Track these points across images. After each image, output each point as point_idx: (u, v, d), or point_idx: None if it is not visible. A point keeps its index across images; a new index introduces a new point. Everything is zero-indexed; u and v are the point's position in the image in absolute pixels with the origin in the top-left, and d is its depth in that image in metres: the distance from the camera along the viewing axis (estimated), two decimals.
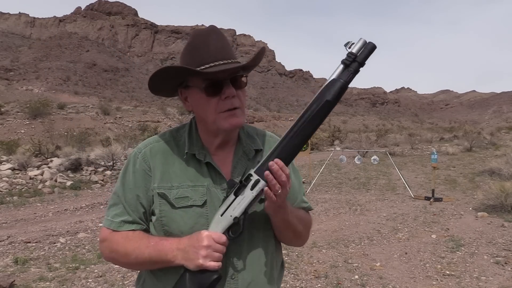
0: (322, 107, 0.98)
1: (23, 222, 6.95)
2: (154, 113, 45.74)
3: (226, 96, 1.05)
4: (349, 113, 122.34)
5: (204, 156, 1.12)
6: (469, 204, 7.72)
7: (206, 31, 1.10)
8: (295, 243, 1.28)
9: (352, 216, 7.06)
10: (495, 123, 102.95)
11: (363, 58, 0.98)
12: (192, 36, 1.11)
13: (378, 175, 12.55)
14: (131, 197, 1.12)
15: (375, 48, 0.98)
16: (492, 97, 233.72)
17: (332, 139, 31.87)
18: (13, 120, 31.73)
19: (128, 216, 1.11)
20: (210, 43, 1.06)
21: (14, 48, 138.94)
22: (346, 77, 0.97)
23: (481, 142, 22.19)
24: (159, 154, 1.14)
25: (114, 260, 1.13)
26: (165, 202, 1.08)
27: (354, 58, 0.97)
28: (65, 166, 11.99)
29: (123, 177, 1.15)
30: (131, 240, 1.08)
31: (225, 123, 1.07)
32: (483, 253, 4.84)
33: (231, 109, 1.06)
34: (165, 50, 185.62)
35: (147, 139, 1.20)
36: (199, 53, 1.06)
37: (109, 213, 1.14)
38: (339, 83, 0.97)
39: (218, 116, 1.07)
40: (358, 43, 0.98)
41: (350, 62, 0.97)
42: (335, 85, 0.98)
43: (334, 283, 4.03)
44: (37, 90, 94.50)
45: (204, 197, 1.09)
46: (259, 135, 1.24)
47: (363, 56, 0.97)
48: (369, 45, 0.98)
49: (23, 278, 4.21)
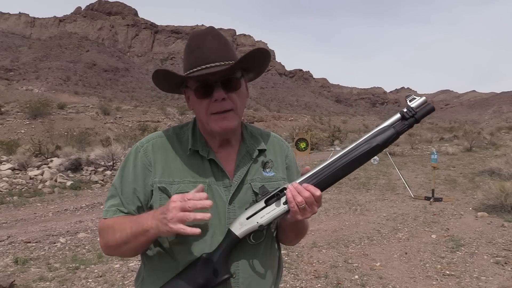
0: (372, 149, 1.02)
1: (23, 222, 6.95)
2: (154, 113, 45.76)
3: (215, 99, 1.06)
4: (349, 113, 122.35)
5: (208, 153, 1.12)
6: (469, 204, 7.72)
7: (203, 32, 1.10)
8: (292, 243, 1.30)
9: (352, 216, 7.06)
10: (495, 123, 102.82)
11: (421, 116, 1.02)
12: (189, 37, 1.12)
13: (378, 175, 12.55)
14: (128, 190, 1.12)
15: (433, 110, 1.03)
16: (492, 97, 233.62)
17: (332, 139, 31.88)
18: (13, 120, 31.74)
19: (123, 208, 1.12)
20: (204, 45, 1.07)
21: (14, 48, 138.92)
22: (400, 128, 1.02)
23: (481, 142, 22.18)
24: (161, 149, 1.14)
25: (107, 246, 1.11)
26: (165, 197, 1.08)
27: (413, 114, 1.02)
28: (65, 166, 11.99)
29: (122, 170, 1.15)
30: (119, 220, 1.09)
31: (215, 125, 1.08)
32: (483, 253, 4.84)
33: (220, 112, 1.07)
34: (165, 50, 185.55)
35: (150, 134, 1.21)
36: (193, 55, 1.07)
37: (106, 204, 1.15)
38: (392, 132, 1.02)
39: (209, 118, 1.08)
40: (419, 100, 1.03)
41: (409, 116, 1.02)
42: (388, 132, 1.02)
43: (334, 283, 4.03)
44: (37, 90, 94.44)
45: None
46: (263, 136, 1.25)
47: (421, 114, 1.02)
48: (428, 106, 1.03)
49: (23, 278, 4.21)
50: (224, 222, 1.09)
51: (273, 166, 1.21)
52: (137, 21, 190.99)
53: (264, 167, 1.19)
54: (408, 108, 1.02)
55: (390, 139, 1.01)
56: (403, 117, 1.02)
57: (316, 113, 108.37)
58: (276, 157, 1.23)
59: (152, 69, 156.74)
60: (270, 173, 1.19)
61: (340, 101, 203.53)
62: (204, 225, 1.06)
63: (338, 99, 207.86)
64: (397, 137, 1.01)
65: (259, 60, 1.12)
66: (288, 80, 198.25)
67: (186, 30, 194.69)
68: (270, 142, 1.24)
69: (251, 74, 1.18)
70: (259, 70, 1.17)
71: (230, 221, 1.08)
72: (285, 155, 1.27)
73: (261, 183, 1.15)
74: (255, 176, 1.16)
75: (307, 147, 11.25)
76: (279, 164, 1.23)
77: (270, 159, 1.21)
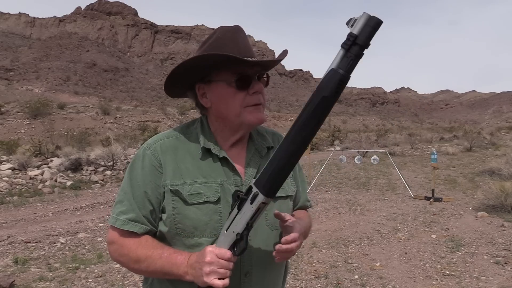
0: (318, 105, 0.84)
1: (23, 222, 6.95)
2: (154, 113, 45.72)
3: (254, 91, 1.07)
4: (349, 113, 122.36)
5: (220, 151, 1.12)
6: (469, 204, 7.72)
7: (234, 28, 1.10)
8: None
9: (352, 216, 7.05)
10: (495, 123, 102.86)
11: (366, 39, 0.79)
12: (219, 31, 1.10)
13: (378, 175, 12.54)
14: (138, 194, 1.09)
15: (380, 24, 0.79)
16: (492, 97, 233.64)
17: (332, 139, 31.85)
18: (13, 120, 31.71)
19: (133, 213, 1.08)
20: (238, 40, 1.08)
21: (14, 48, 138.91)
22: (346, 66, 0.81)
23: (481, 142, 22.18)
24: (170, 150, 1.12)
25: (123, 264, 1.11)
26: (178, 199, 1.07)
27: (354, 40, 0.79)
28: (65, 166, 11.98)
29: (130, 173, 1.12)
30: (143, 247, 1.06)
31: (251, 117, 1.08)
32: (483, 253, 4.84)
33: (257, 104, 1.08)
34: (165, 50, 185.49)
35: (157, 135, 1.18)
36: (229, 48, 1.06)
37: (115, 210, 1.11)
38: (338, 75, 0.81)
39: (243, 110, 1.08)
40: (360, 20, 0.79)
41: (350, 45, 0.80)
42: (333, 78, 0.82)
43: (334, 283, 4.03)
44: (37, 90, 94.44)
45: (218, 194, 1.07)
46: (268, 133, 1.27)
47: (366, 36, 0.78)
48: (371, 21, 0.78)
49: (23, 278, 4.21)
50: None
51: None
52: (137, 21, 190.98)
53: None
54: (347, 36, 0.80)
55: (338, 85, 0.81)
56: (346, 50, 0.80)
57: None
58: None
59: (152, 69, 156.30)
60: None
61: (340, 101, 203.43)
62: (218, 227, 1.06)
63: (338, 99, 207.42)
64: (345, 78, 0.81)
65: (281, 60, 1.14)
66: (288, 80, 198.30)
67: (186, 30, 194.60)
68: (275, 140, 1.26)
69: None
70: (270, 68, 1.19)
71: None
72: None
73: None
74: None
75: (307, 147, 11.25)
76: None
77: None
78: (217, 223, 1.06)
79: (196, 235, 1.06)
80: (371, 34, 0.79)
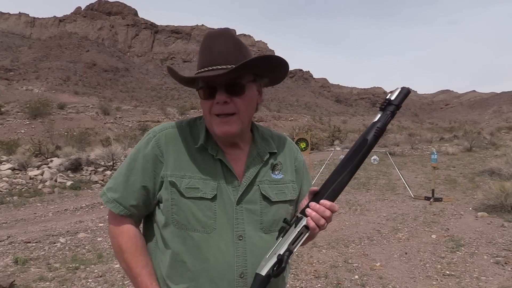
0: (360, 145, 1.04)
1: (23, 222, 6.95)
2: (154, 113, 45.72)
3: (216, 102, 1.07)
4: (349, 113, 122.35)
5: (216, 152, 1.13)
6: (469, 204, 7.72)
7: (216, 33, 1.10)
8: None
9: (352, 216, 7.05)
10: (495, 123, 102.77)
11: (399, 101, 1.05)
12: (204, 37, 1.13)
13: (378, 175, 12.55)
14: (133, 179, 1.13)
15: (409, 92, 1.06)
16: (492, 97, 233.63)
17: (332, 139, 31.87)
18: (13, 120, 31.70)
19: (119, 194, 1.14)
20: (214, 47, 1.07)
21: (14, 48, 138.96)
22: (384, 120, 1.05)
23: (481, 142, 22.17)
24: (173, 140, 1.14)
25: (113, 246, 1.18)
26: (175, 191, 1.09)
27: (389, 102, 1.05)
28: (65, 166, 11.98)
29: (132, 155, 1.16)
30: (136, 250, 1.13)
31: (216, 128, 1.09)
32: (483, 253, 4.84)
33: (223, 115, 1.07)
34: (165, 50, 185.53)
35: (164, 124, 1.20)
36: (203, 56, 1.08)
37: (107, 184, 1.18)
38: (377, 125, 1.05)
39: (212, 119, 1.09)
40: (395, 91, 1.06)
41: (385, 106, 1.05)
42: (373, 127, 1.05)
43: (334, 283, 4.03)
44: (37, 90, 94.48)
45: (214, 192, 1.09)
46: (274, 138, 1.26)
47: (399, 99, 1.05)
48: (404, 90, 1.06)
49: (23, 278, 4.21)
50: (231, 221, 1.10)
51: (282, 169, 1.21)
52: (137, 21, 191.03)
53: (273, 169, 1.20)
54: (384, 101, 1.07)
55: (376, 132, 1.04)
56: (382, 109, 1.06)
57: (316, 113, 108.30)
58: (286, 159, 1.24)
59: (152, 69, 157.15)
60: (279, 175, 1.20)
61: (340, 101, 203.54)
62: (211, 224, 1.08)
63: (338, 99, 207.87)
64: (383, 128, 1.04)
65: (269, 66, 1.11)
66: (288, 80, 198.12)
67: (186, 30, 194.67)
68: (280, 144, 1.25)
69: (266, 79, 1.17)
70: (273, 76, 1.16)
71: (237, 221, 1.10)
72: (294, 158, 1.28)
73: (270, 185, 1.16)
74: (263, 178, 1.16)
75: (307, 147, 11.22)
76: (288, 167, 1.24)
77: (279, 161, 1.22)
78: (210, 220, 1.08)
79: (189, 229, 1.09)
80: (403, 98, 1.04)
